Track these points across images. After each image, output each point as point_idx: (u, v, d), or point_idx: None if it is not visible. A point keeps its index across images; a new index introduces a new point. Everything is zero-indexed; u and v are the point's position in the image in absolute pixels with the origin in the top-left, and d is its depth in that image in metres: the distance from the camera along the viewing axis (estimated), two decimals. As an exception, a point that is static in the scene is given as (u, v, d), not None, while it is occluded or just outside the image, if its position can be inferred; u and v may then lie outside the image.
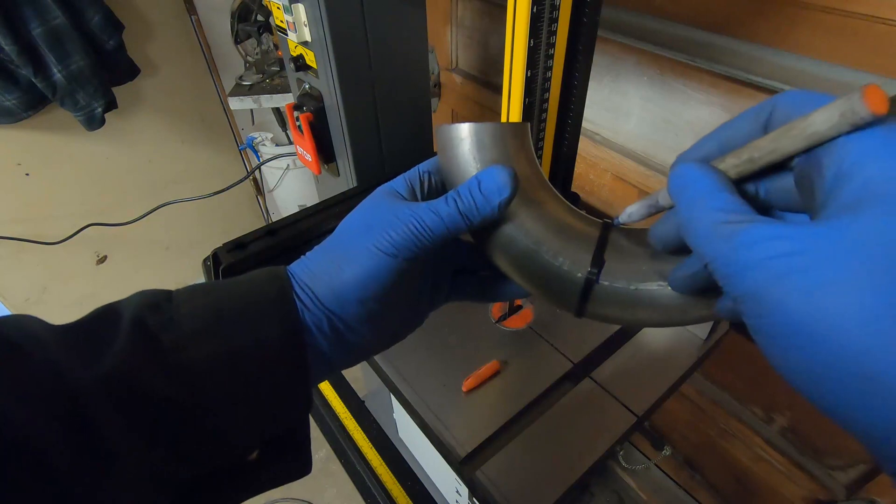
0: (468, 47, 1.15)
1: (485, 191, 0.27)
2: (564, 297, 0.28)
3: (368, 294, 0.26)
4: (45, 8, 1.11)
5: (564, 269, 0.27)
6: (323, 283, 0.26)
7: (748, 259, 0.17)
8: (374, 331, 0.28)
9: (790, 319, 0.16)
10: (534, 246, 0.28)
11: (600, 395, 0.61)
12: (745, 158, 0.21)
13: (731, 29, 0.66)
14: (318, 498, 1.40)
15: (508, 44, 0.45)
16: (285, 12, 0.66)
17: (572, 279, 0.27)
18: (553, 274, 0.28)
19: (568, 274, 0.27)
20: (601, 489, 1.15)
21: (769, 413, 0.88)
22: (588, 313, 0.28)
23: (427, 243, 0.27)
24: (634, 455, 1.17)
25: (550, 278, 0.28)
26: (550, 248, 0.28)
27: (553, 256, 0.28)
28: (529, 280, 0.29)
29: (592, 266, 0.27)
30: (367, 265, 0.26)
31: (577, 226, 0.29)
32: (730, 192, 0.20)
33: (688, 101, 0.76)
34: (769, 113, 0.21)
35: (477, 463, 0.56)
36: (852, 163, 0.17)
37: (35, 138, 1.35)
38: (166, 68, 1.52)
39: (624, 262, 0.27)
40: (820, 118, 0.18)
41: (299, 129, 0.74)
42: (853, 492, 0.82)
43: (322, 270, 0.27)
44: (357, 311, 0.26)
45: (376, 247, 0.26)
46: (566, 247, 0.28)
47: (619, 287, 0.26)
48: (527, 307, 0.72)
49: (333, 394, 0.63)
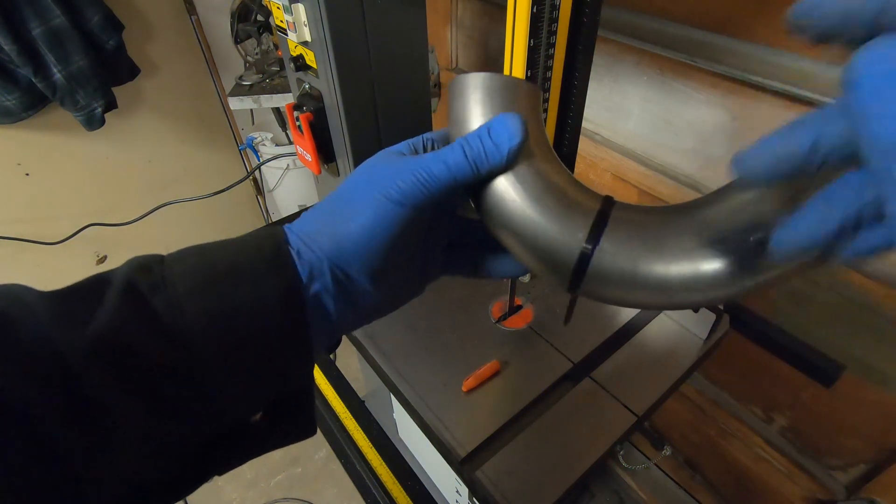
0: (468, 47, 1.15)
1: (494, 137, 0.26)
2: (558, 269, 0.27)
3: (374, 244, 0.26)
4: (45, 8, 1.11)
5: (561, 238, 0.26)
6: (326, 235, 0.26)
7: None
8: (378, 287, 0.27)
9: None
10: (534, 208, 0.27)
11: (600, 395, 0.61)
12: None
13: (731, 29, 0.66)
14: (318, 498, 1.40)
15: (508, 44, 0.45)
16: (285, 12, 0.66)
17: (568, 250, 0.26)
18: (550, 242, 0.27)
19: (565, 244, 0.26)
20: (601, 489, 1.15)
21: (769, 413, 0.88)
22: (582, 289, 0.27)
23: (434, 192, 0.26)
24: (634, 455, 1.17)
25: (547, 247, 0.27)
26: (550, 212, 0.27)
27: (551, 221, 0.26)
28: (525, 248, 0.28)
29: (590, 238, 0.26)
30: (375, 214, 0.25)
31: (580, 196, 0.27)
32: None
33: (688, 101, 0.76)
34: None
35: (477, 463, 0.56)
36: None
37: (35, 138, 1.35)
38: (166, 68, 1.52)
39: (625, 238, 0.25)
40: None
41: (299, 129, 0.74)
42: (853, 492, 0.81)
43: (325, 223, 0.26)
44: (362, 263, 0.26)
45: (384, 196, 0.25)
46: (567, 214, 0.27)
47: (618, 264, 0.25)
48: (527, 307, 0.72)
49: (333, 394, 0.63)
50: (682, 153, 0.81)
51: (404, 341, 0.67)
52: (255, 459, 0.27)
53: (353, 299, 0.27)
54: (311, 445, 1.50)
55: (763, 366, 0.83)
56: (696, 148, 0.78)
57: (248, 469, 1.44)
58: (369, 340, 0.67)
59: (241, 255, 0.25)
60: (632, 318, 0.71)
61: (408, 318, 0.70)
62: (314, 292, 0.25)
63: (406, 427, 0.90)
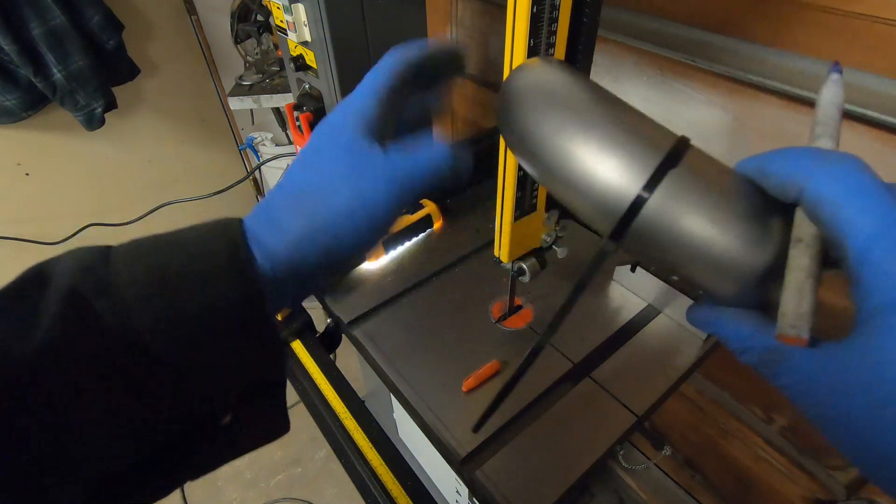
0: (468, 47, 1.15)
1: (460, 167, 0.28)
2: (604, 213, 0.24)
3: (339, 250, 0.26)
4: (45, 8, 1.11)
5: (617, 177, 0.23)
6: (296, 219, 0.26)
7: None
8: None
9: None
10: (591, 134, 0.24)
11: (600, 395, 0.61)
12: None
13: (731, 29, 0.66)
14: (318, 498, 1.40)
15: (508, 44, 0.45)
16: (285, 12, 0.66)
17: (620, 193, 0.23)
18: (602, 180, 0.23)
19: (617, 187, 0.23)
20: (601, 489, 1.15)
21: (769, 413, 0.88)
22: (625, 241, 0.24)
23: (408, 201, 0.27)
24: (634, 455, 1.16)
25: (596, 185, 0.23)
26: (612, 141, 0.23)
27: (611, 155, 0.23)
28: (566, 182, 0.25)
29: (649, 183, 0.22)
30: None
31: (649, 130, 0.24)
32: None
33: (688, 101, 0.76)
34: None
35: (477, 463, 0.56)
36: None
37: (35, 138, 1.35)
38: (166, 68, 1.52)
39: (690, 190, 0.22)
40: None
41: (299, 129, 0.74)
42: (853, 492, 0.81)
43: (291, 208, 0.26)
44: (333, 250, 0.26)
45: (373, 227, 0.26)
46: (631, 149, 0.23)
47: (667, 220, 0.22)
48: (527, 307, 0.72)
49: (333, 394, 0.63)
50: (682, 153, 0.81)
51: (404, 341, 0.67)
52: (256, 459, 0.27)
53: (315, 283, 0.27)
54: (311, 445, 1.50)
55: (763, 366, 0.83)
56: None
57: (248, 469, 1.44)
58: (369, 340, 0.67)
59: (193, 260, 0.23)
60: (632, 318, 0.71)
61: (408, 318, 0.71)
62: (274, 286, 0.24)
63: (406, 427, 0.90)
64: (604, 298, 0.74)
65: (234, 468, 1.44)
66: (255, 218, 0.26)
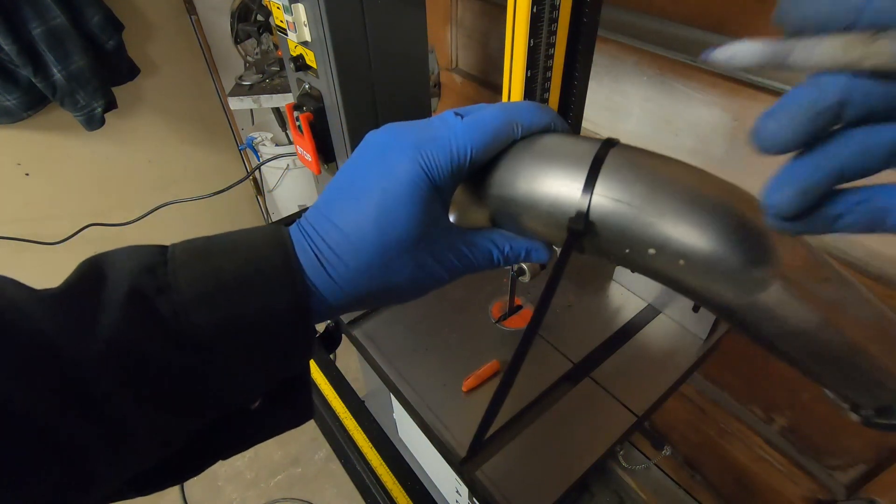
0: (468, 47, 1.15)
1: (526, 262, 0.31)
2: (561, 227, 0.26)
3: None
4: (45, 8, 1.11)
5: (560, 192, 0.26)
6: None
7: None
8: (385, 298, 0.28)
9: None
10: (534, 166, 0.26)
11: (600, 395, 0.61)
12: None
13: (731, 29, 0.66)
14: (318, 498, 1.40)
15: (508, 44, 0.45)
16: (285, 12, 0.66)
17: (568, 205, 0.26)
18: (549, 199, 0.26)
19: (564, 199, 0.26)
20: (601, 489, 1.15)
21: (769, 413, 0.88)
22: (587, 246, 0.27)
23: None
24: (634, 455, 1.17)
25: (547, 205, 0.26)
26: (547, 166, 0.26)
27: (549, 175, 0.26)
28: (528, 210, 0.27)
29: (585, 188, 0.25)
30: (402, 299, 0.28)
31: (578, 146, 0.26)
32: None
33: (688, 101, 0.76)
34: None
35: (477, 463, 0.56)
36: None
37: (35, 138, 1.35)
38: (166, 68, 1.52)
39: (623, 184, 0.24)
40: None
41: (299, 129, 0.74)
42: (853, 492, 0.82)
43: (355, 294, 0.26)
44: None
45: (417, 291, 0.28)
46: (564, 164, 0.26)
47: (617, 218, 0.24)
48: (527, 307, 0.72)
49: (333, 394, 0.63)
50: (682, 153, 0.81)
51: (404, 341, 0.67)
52: (256, 459, 0.28)
53: (360, 298, 0.27)
54: (311, 445, 1.50)
55: (763, 366, 0.83)
56: (696, 148, 0.78)
57: (247, 469, 1.44)
58: (369, 340, 0.67)
59: (249, 265, 0.24)
60: (632, 318, 0.71)
61: (408, 318, 0.71)
62: (318, 295, 0.26)
63: (406, 427, 0.90)
64: (604, 298, 0.74)
65: (234, 468, 1.44)
66: (307, 228, 0.26)
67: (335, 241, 0.25)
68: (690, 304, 0.66)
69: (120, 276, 0.23)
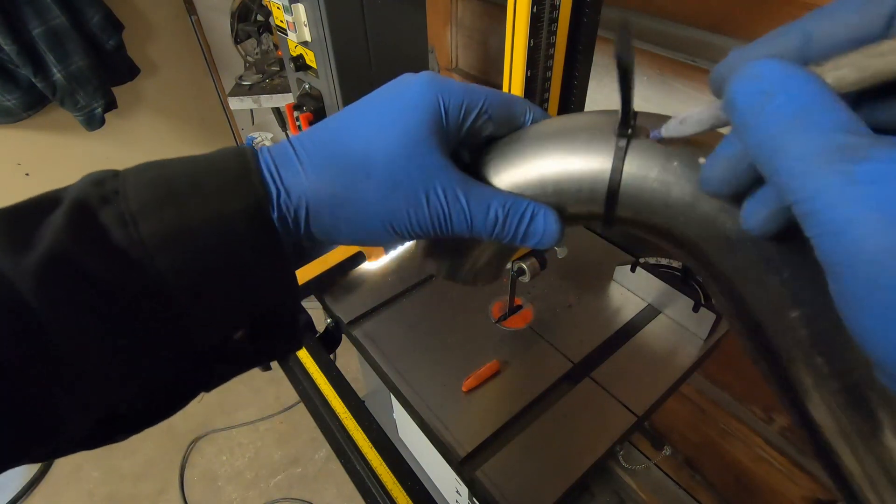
0: (468, 47, 1.15)
1: (530, 231, 0.25)
2: (591, 204, 0.25)
3: (356, 242, 0.25)
4: (45, 8, 1.11)
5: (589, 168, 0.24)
6: (322, 208, 0.23)
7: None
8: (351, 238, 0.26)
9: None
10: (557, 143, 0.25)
11: (600, 395, 0.61)
12: (861, 61, 0.15)
13: (731, 29, 0.66)
14: (318, 498, 1.40)
15: (508, 44, 0.45)
16: (285, 12, 0.66)
17: (598, 179, 0.24)
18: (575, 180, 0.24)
19: (594, 174, 0.24)
20: (601, 489, 1.15)
21: (769, 413, 0.88)
22: (618, 219, 0.25)
23: (441, 235, 0.24)
24: (634, 455, 1.16)
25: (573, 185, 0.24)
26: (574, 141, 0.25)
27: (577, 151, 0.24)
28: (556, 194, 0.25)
29: (615, 161, 0.23)
30: (373, 233, 0.24)
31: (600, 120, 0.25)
32: (845, 108, 0.14)
33: (688, 101, 0.76)
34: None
35: (477, 463, 0.56)
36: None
37: (35, 138, 1.35)
38: (166, 68, 1.52)
39: (651, 155, 0.23)
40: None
41: (299, 129, 0.74)
42: (853, 492, 0.81)
43: (321, 187, 0.23)
44: (338, 238, 0.25)
45: (392, 225, 0.24)
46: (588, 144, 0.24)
47: (650, 184, 0.23)
48: (527, 307, 0.72)
49: (333, 394, 0.63)
50: (682, 153, 0.81)
51: (404, 341, 0.67)
52: (255, 459, 0.27)
53: (328, 236, 0.25)
54: (311, 445, 1.50)
55: (763, 366, 0.83)
56: (696, 148, 0.78)
57: (247, 469, 1.44)
58: (369, 340, 0.67)
59: (204, 171, 0.22)
60: (632, 318, 0.71)
61: (408, 318, 0.71)
62: (282, 215, 0.23)
63: (406, 427, 0.90)
64: (604, 298, 0.74)
65: (234, 468, 1.44)
66: (274, 149, 0.24)
67: (307, 139, 0.24)
68: (690, 304, 0.66)
69: (70, 192, 0.21)
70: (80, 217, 0.20)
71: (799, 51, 0.17)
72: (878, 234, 0.12)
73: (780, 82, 0.15)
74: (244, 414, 1.57)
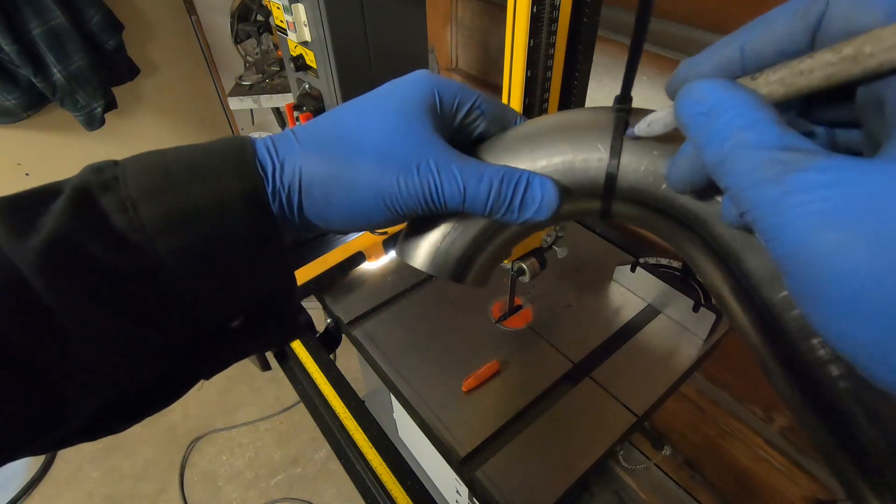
0: (468, 47, 1.15)
1: (527, 199, 0.24)
2: (587, 197, 0.25)
3: (351, 223, 0.25)
4: (45, 8, 1.11)
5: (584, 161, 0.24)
6: (314, 189, 0.24)
7: (810, 211, 0.13)
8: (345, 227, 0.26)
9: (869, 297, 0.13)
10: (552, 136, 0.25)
11: (600, 395, 0.61)
12: (787, 79, 0.16)
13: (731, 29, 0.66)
14: (318, 498, 1.40)
15: (508, 44, 0.45)
16: (285, 12, 0.66)
17: (593, 171, 0.24)
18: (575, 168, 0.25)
19: (586, 166, 0.24)
20: (601, 489, 1.15)
21: (769, 413, 0.88)
22: (615, 213, 0.25)
23: (433, 209, 0.24)
24: (634, 455, 1.16)
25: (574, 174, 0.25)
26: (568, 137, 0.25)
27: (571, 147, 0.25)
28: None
29: (612, 155, 0.24)
30: (365, 208, 0.24)
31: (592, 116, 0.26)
32: (780, 123, 0.16)
33: (688, 101, 0.76)
34: (821, 12, 0.17)
35: (477, 463, 0.56)
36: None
37: (35, 138, 1.35)
38: (166, 68, 1.52)
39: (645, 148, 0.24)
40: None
41: (299, 129, 0.74)
42: (853, 492, 0.81)
43: (315, 162, 0.24)
44: (334, 226, 0.25)
45: (382, 199, 0.24)
46: (581, 138, 0.25)
47: (643, 177, 0.23)
48: (527, 307, 0.72)
49: (333, 394, 0.63)
50: (682, 153, 0.81)
51: (404, 341, 0.67)
52: (256, 459, 0.27)
53: (323, 218, 0.25)
54: (311, 445, 1.50)
55: (763, 366, 0.83)
56: (696, 148, 0.78)
57: (248, 469, 1.44)
58: (369, 340, 0.67)
59: (202, 157, 0.23)
60: (632, 318, 0.71)
61: (408, 318, 0.71)
62: (275, 190, 0.24)
63: (406, 427, 0.90)
64: (604, 298, 0.74)
65: (234, 468, 1.44)
66: (275, 135, 0.25)
67: (307, 125, 0.25)
68: (690, 304, 0.66)
69: (71, 180, 0.22)
70: (82, 203, 0.21)
71: (739, 62, 0.20)
72: (812, 236, 0.13)
73: (720, 103, 0.17)
74: (244, 414, 1.57)
